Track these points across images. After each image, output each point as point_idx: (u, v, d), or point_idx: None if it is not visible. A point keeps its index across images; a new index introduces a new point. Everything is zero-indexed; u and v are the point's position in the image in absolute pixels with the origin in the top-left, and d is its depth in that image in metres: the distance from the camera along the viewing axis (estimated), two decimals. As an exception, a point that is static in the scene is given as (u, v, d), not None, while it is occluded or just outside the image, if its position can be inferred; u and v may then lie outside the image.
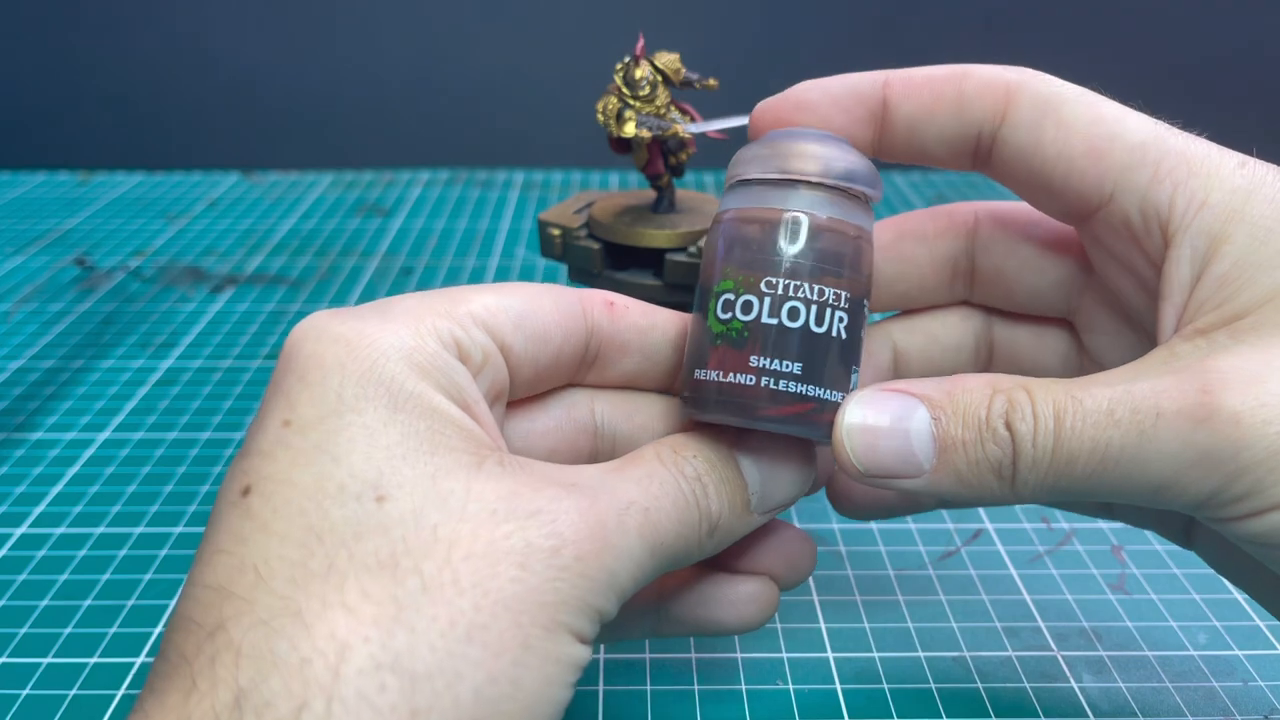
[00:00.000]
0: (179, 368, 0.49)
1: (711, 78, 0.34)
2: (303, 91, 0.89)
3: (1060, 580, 0.35)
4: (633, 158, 0.35)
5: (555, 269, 0.60)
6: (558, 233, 0.37)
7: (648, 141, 0.33)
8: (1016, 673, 0.30)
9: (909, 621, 0.32)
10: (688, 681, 0.30)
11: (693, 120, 0.33)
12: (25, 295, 0.58)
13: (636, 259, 0.36)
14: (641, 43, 0.33)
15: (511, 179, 0.78)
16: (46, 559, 0.35)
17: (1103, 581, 0.35)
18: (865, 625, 0.32)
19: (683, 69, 0.33)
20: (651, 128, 0.33)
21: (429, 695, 0.17)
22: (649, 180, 0.36)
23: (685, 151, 0.35)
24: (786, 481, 0.23)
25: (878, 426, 0.21)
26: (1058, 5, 0.86)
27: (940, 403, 0.21)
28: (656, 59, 0.33)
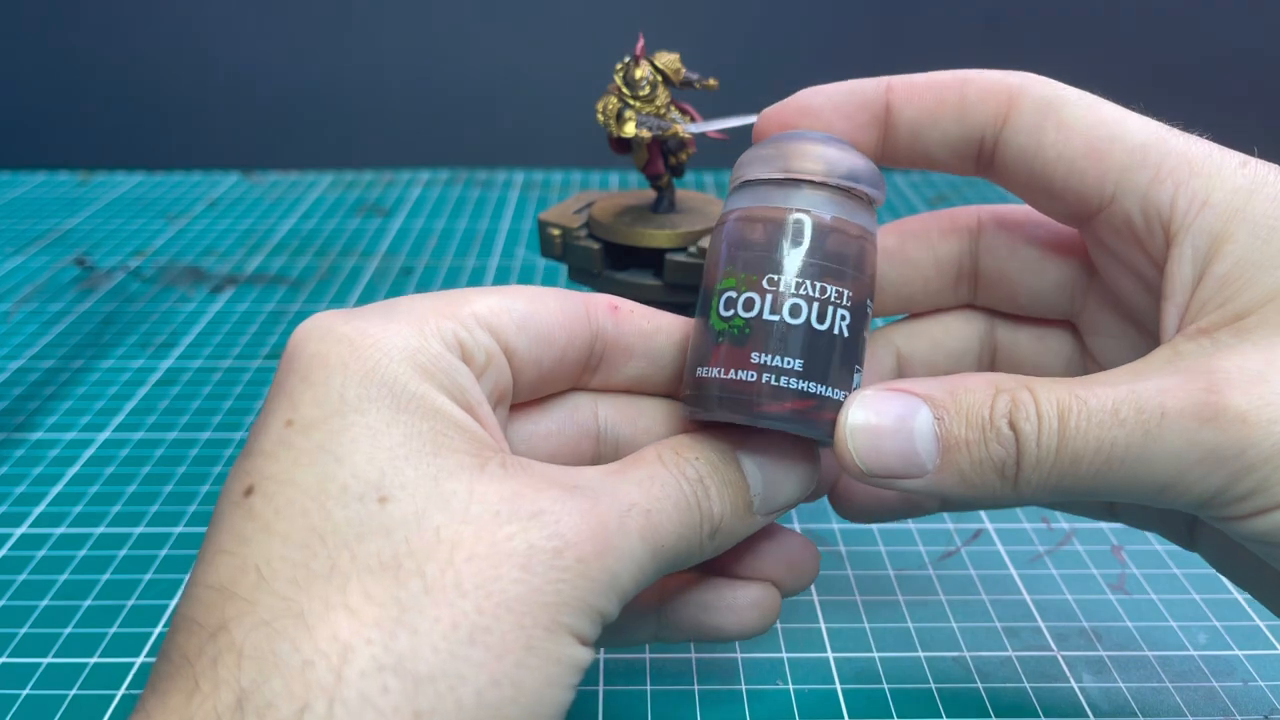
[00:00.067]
0: (179, 368, 0.49)
1: (711, 78, 0.34)
2: (303, 91, 0.89)
3: (1060, 580, 0.35)
4: (633, 158, 0.35)
5: (555, 269, 0.60)
6: (558, 233, 0.37)
7: (648, 141, 0.33)
8: (1016, 673, 0.30)
9: (909, 621, 0.32)
10: (688, 682, 0.30)
11: (693, 120, 0.33)
12: (25, 295, 0.58)
13: (636, 259, 0.36)
14: (641, 43, 0.33)
15: (511, 179, 0.78)
16: (46, 559, 0.35)
17: (1103, 581, 0.35)
18: (865, 625, 0.32)
19: (683, 69, 0.33)
20: (651, 128, 0.33)
21: (431, 697, 0.17)
22: (649, 180, 0.36)
23: (685, 151, 0.35)
24: (789, 483, 0.23)
25: (881, 426, 0.21)
26: (1058, 5, 0.86)
27: (943, 402, 0.21)
28: (656, 59, 0.33)
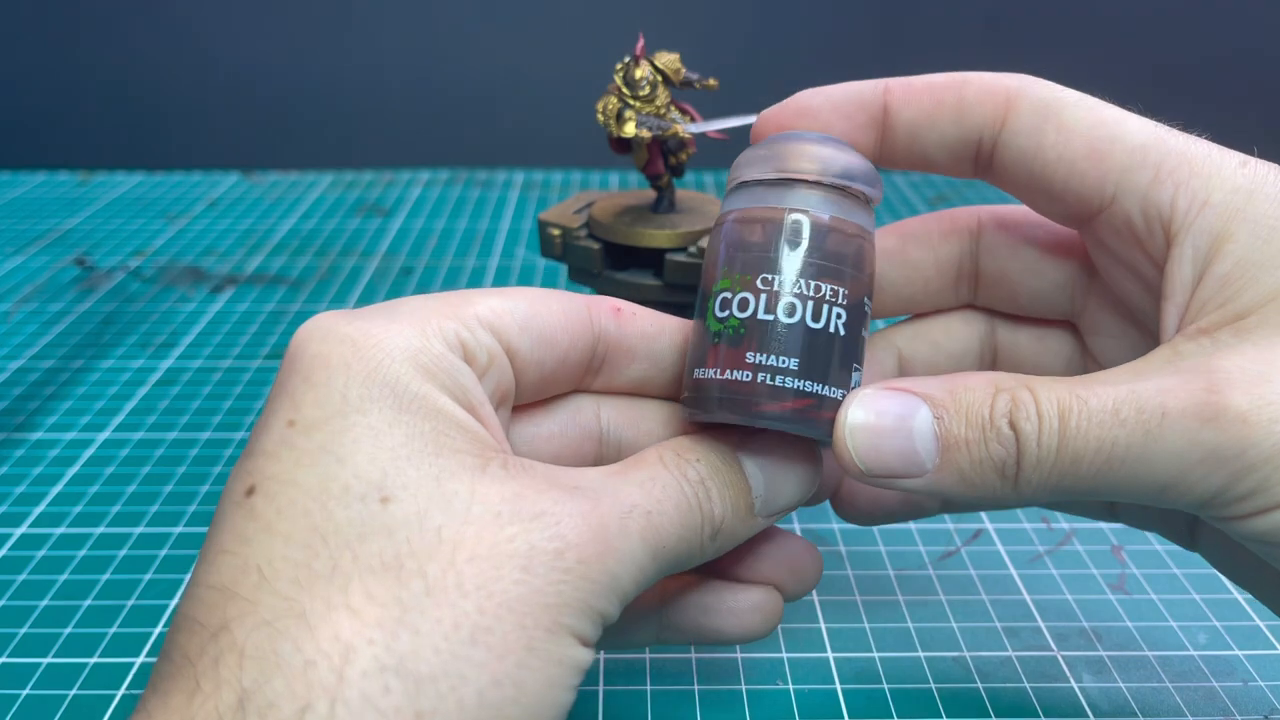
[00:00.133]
0: (179, 368, 0.49)
1: (711, 78, 0.34)
2: (303, 91, 0.89)
3: (1060, 580, 0.35)
4: (633, 158, 0.35)
5: (555, 269, 0.60)
6: (558, 233, 0.37)
7: (648, 141, 0.33)
8: (1016, 673, 0.30)
9: (909, 621, 0.32)
10: (688, 682, 0.30)
11: (693, 120, 0.33)
12: (25, 295, 0.58)
13: (636, 259, 0.36)
14: (641, 43, 0.33)
15: (511, 179, 0.78)
16: (46, 559, 0.35)
17: (1103, 581, 0.35)
18: (865, 625, 0.32)
19: (683, 69, 0.33)
20: (651, 128, 0.33)
21: (433, 698, 0.17)
22: (649, 180, 0.36)
23: (685, 151, 0.35)
24: (790, 484, 0.23)
25: (880, 425, 0.21)
26: (1058, 5, 0.86)
27: (943, 401, 0.21)
28: (656, 59, 0.33)
